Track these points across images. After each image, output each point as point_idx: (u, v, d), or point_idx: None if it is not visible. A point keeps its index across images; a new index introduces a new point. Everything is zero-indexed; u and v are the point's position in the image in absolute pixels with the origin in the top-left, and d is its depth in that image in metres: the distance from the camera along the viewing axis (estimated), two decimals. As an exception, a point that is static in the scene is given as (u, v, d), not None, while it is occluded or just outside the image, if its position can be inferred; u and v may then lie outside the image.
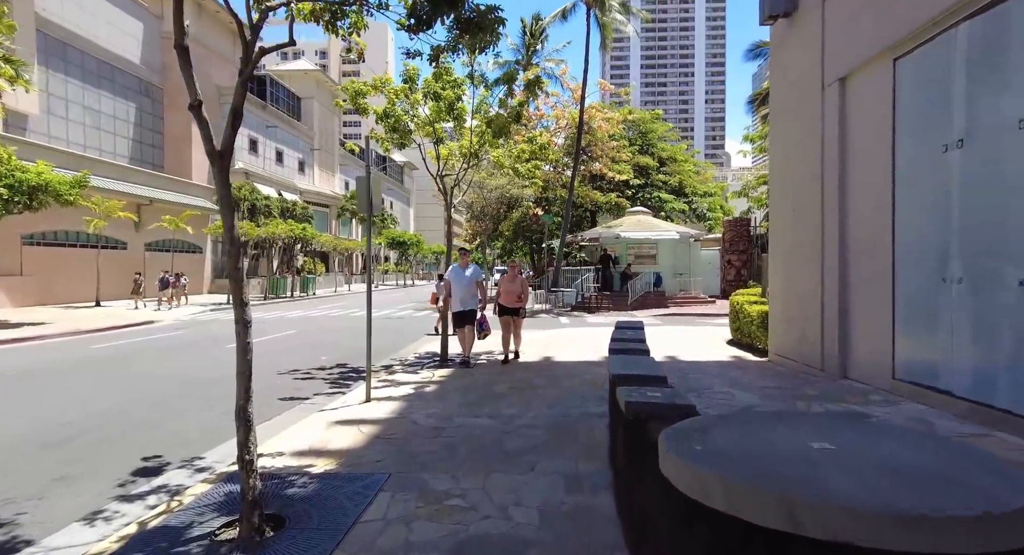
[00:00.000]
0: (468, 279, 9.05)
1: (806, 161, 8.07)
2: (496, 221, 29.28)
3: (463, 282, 9.05)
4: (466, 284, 9.04)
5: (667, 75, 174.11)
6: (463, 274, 9.07)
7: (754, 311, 10.23)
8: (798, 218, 8.37)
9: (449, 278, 9.14)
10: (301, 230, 33.66)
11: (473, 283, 9.10)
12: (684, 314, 21.05)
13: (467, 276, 9.06)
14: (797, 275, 8.43)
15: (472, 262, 9.42)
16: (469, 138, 9.72)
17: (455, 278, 9.07)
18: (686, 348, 11.02)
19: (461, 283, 9.05)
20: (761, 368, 8.66)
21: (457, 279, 9.07)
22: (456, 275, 9.09)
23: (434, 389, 7.49)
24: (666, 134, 36.56)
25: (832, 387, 6.80)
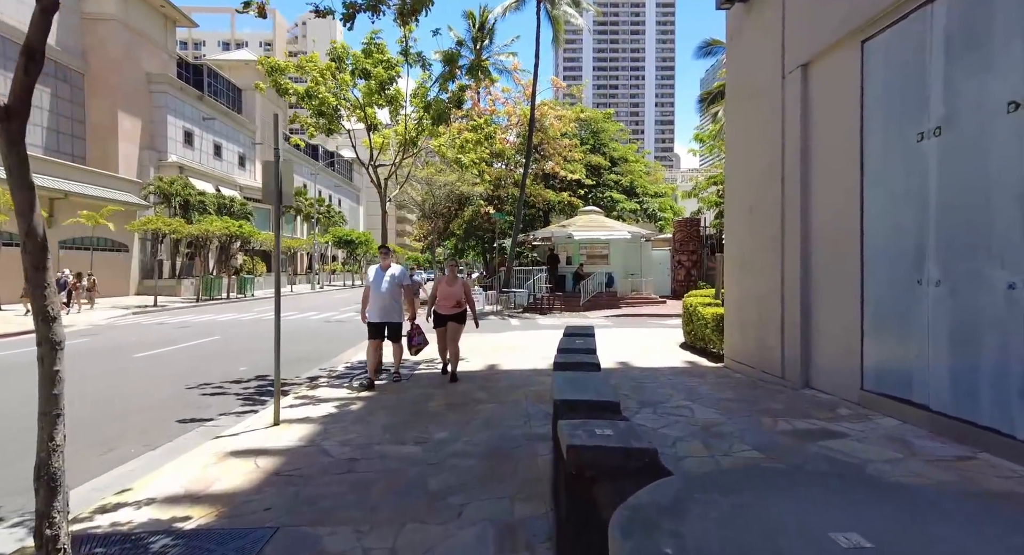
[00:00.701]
0: (390, 284, 7.49)
1: (765, 155, 7.57)
2: (447, 220, 28.32)
3: (383, 287, 7.44)
4: (387, 290, 7.46)
5: (618, 77, 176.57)
6: (383, 277, 7.50)
7: (708, 314, 9.73)
8: (756, 216, 7.87)
9: (366, 281, 7.65)
10: (238, 227, 31.76)
11: (397, 288, 7.57)
12: (636, 315, 20.70)
13: (389, 280, 7.51)
14: (755, 277, 7.93)
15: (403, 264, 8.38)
16: (404, 123, 8.82)
17: (374, 282, 7.49)
18: (639, 353, 10.45)
19: (380, 288, 7.43)
20: (717, 376, 8.12)
21: (376, 283, 7.47)
22: (375, 278, 7.51)
23: (359, 407, 6.57)
24: (617, 134, 36.44)
25: (795, 399, 6.27)
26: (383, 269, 7.58)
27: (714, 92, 23.35)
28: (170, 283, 32.92)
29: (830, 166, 6.28)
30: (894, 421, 5.05)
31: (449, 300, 7.86)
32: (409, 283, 7.80)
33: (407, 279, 7.76)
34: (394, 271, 7.59)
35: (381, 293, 7.44)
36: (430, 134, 9.22)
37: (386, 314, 7.48)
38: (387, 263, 7.62)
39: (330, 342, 13.17)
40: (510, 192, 28.13)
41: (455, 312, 7.91)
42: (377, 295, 7.47)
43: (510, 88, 30.03)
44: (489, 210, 26.46)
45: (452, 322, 7.89)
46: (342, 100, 8.58)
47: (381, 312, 7.45)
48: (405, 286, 7.73)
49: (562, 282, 24.58)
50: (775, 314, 7.27)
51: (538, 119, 26.53)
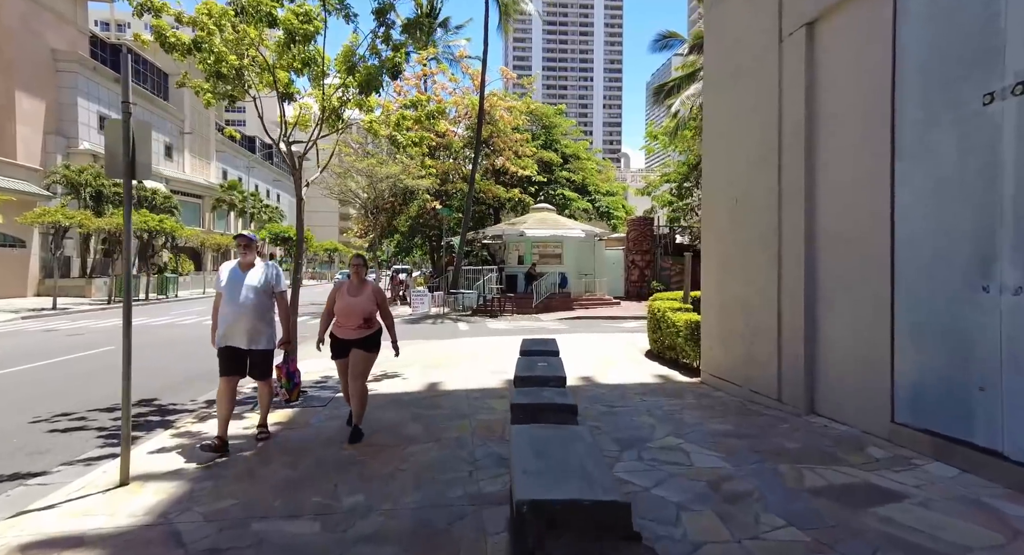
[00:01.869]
0: (255, 291, 4.92)
1: (756, 139, 6.42)
2: (390, 215, 26.45)
3: (244, 296, 4.88)
4: (250, 300, 4.89)
5: (567, 78, 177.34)
6: (242, 281, 4.93)
7: (680, 321, 8.58)
8: (744, 210, 6.72)
9: (216, 285, 5.08)
10: (158, 222, 28.82)
11: (265, 297, 5.01)
12: (591, 317, 19.62)
13: (253, 285, 4.93)
14: (741, 280, 6.78)
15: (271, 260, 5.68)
16: (321, 87, 7.21)
17: (227, 287, 4.93)
18: (602, 364, 9.20)
19: (239, 297, 4.87)
20: (698, 395, 6.93)
21: (232, 290, 4.90)
22: (230, 281, 4.94)
23: (252, 452, 4.97)
24: (569, 130, 35.43)
25: (806, 432, 5.10)
26: (243, 268, 5.01)
27: (670, 85, 22.58)
28: (79, 283, 29.60)
29: (844, 147, 5.15)
30: (950, 469, 3.92)
31: (351, 317, 5.20)
32: (284, 289, 5.23)
33: (281, 283, 5.16)
34: (261, 271, 5.02)
35: (239, 304, 4.85)
36: (357, 105, 7.60)
37: (248, 337, 4.88)
38: (249, 259, 5.03)
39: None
40: (458, 187, 26.56)
41: (362, 335, 5.23)
42: (234, 307, 4.86)
43: (458, 77, 28.44)
44: (435, 205, 24.79)
45: (357, 349, 5.22)
46: (245, 60, 6.85)
47: (240, 333, 4.87)
48: (278, 294, 5.15)
49: (513, 283, 23.26)
50: (769, 324, 6.12)
51: (487, 111, 25.10)
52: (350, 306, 5.24)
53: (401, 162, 22.57)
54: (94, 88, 35.10)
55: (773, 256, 6.07)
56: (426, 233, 29.23)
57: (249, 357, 4.99)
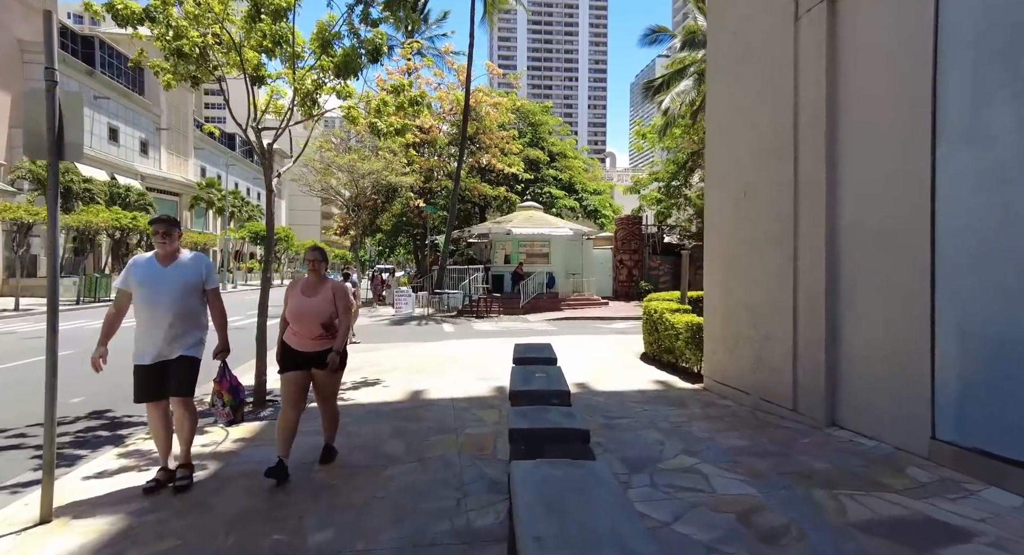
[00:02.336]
0: (181, 287, 3.86)
1: (767, 125, 5.92)
2: (373, 213, 25.70)
3: (165, 297, 3.82)
4: (174, 301, 3.84)
5: (552, 78, 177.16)
6: (161, 275, 3.86)
7: (679, 323, 8.07)
8: (753, 204, 6.22)
9: (123, 284, 3.91)
10: (131, 220, 27.75)
11: (193, 297, 3.95)
12: (580, 317, 19.12)
13: (175, 279, 3.87)
14: (750, 280, 6.28)
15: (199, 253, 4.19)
16: (293, 66, 6.58)
17: (144, 283, 3.84)
18: (596, 369, 8.66)
19: (158, 295, 3.81)
20: (703, 404, 6.42)
21: (149, 285, 3.83)
22: (147, 278, 3.85)
23: (206, 475, 4.33)
24: (556, 128, 34.94)
25: (832, 448, 4.60)
26: (162, 261, 3.88)
27: (659, 81, 22.17)
28: (46, 283, 28.37)
29: (874, 133, 4.66)
30: (1011, 497, 3.43)
31: (306, 323, 4.14)
32: (216, 285, 4.13)
33: (212, 277, 4.05)
34: (186, 265, 3.92)
35: (159, 308, 3.79)
36: (335, 91, 6.97)
37: (171, 344, 3.88)
38: (170, 249, 3.88)
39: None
40: (443, 184, 25.90)
41: (323, 347, 4.20)
42: (152, 312, 3.81)
43: (443, 72, 27.78)
44: (419, 203, 24.10)
45: (319, 368, 4.21)
46: (209, 37, 6.19)
47: (160, 344, 3.84)
48: (210, 292, 4.05)
49: (500, 282, 22.69)
50: (783, 328, 5.62)
51: (473, 107, 24.50)
52: (303, 309, 4.14)
53: (384, 158, 21.87)
54: (64, 81, 33.73)
55: (787, 254, 5.57)
56: (410, 232, 28.52)
57: (169, 367, 3.87)
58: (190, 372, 4.00)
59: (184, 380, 3.96)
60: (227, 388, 4.26)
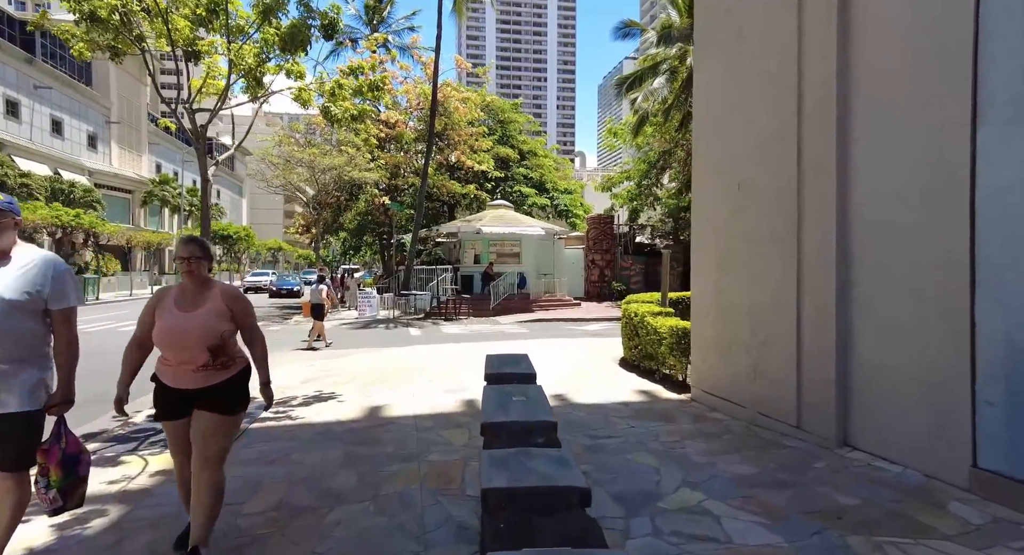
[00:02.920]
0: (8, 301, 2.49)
1: (766, 109, 5.35)
2: (336, 210, 24.60)
3: None
4: None
5: (521, 77, 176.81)
6: None
7: (663, 327, 7.47)
8: (749, 197, 5.65)
9: None
10: (73, 218, 25.99)
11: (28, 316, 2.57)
12: (552, 319, 18.51)
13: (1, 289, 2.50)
14: (746, 281, 5.71)
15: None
16: (226, 36, 5.72)
17: None
18: (575, 377, 8.01)
19: None
20: (694, 419, 5.82)
21: None
22: None
23: (103, 525, 3.49)
24: (526, 126, 34.31)
25: (851, 474, 4.02)
26: None
27: (632, 77, 21.72)
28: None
29: (895, 112, 4.11)
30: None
31: (189, 350, 2.86)
32: (68, 305, 2.69)
33: (63, 293, 2.66)
34: (22, 269, 2.58)
35: None
36: (285, 71, 6.14)
37: None
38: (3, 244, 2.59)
39: (155, 368, 9.55)
40: (410, 181, 24.98)
41: (210, 381, 2.92)
42: None
43: (409, 65, 26.85)
44: (385, 200, 23.12)
45: (205, 409, 2.91)
46: (133, 3, 5.30)
47: None
48: (57, 313, 2.67)
49: (469, 283, 21.93)
50: (784, 334, 5.05)
51: (441, 101, 23.65)
52: (180, 329, 2.83)
53: (347, 153, 20.85)
54: (0, 68, 31.65)
55: (790, 252, 5.00)
56: (375, 230, 27.46)
57: None
58: (17, 437, 2.56)
59: (11, 448, 2.56)
60: (57, 460, 2.65)
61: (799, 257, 4.91)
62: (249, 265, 67.32)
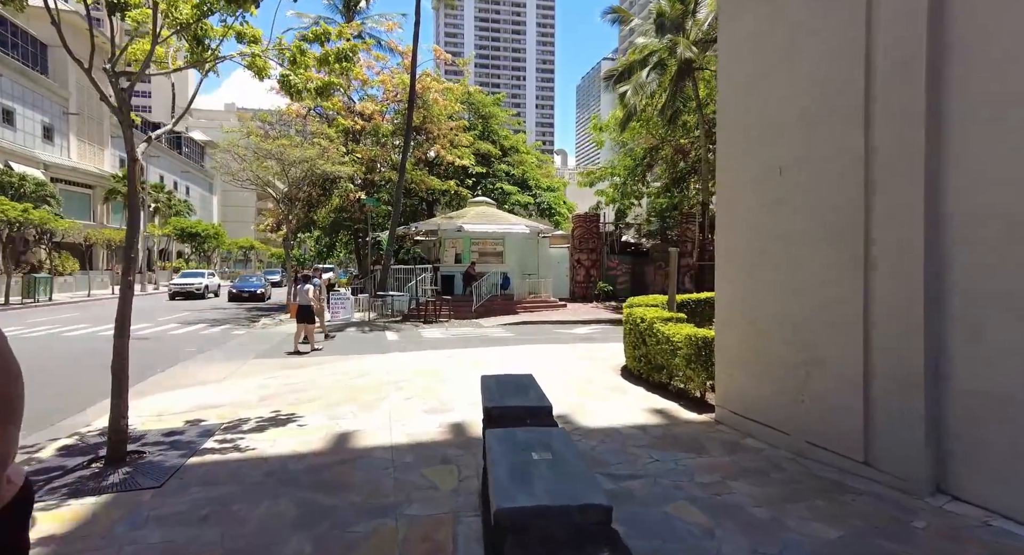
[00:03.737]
0: None
1: (817, 75, 4.43)
2: (307, 206, 23.23)
3: None
4: None
5: (500, 77, 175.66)
6: None
7: (678, 337, 6.53)
8: (792, 186, 4.73)
9: None
10: (20, 213, 24.16)
11: None
12: (538, 321, 17.52)
13: None
14: (787, 287, 4.79)
15: None
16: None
17: None
18: (574, 391, 7.02)
19: None
20: (729, 448, 4.88)
21: None
22: None
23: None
24: (508, 121, 33.28)
25: (980, 542, 3.09)
26: None
27: (621, 69, 20.83)
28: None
29: (1015, 84, 3.19)
30: None
31: None
32: None
33: None
34: None
35: None
36: (235, 32, 5.03)
37: None
38: None
39: (103, 375, 8.27)
40: (387, 176, 23.73)
41: None
42: None
43: (386, 56, 25.57)
44: (360, 195, 21.85)
45: None
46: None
47: None
48: None
49: (450, 284, 20.83)
50: (844, 353, 4.13)
51: (420, 93, 22.47)
52: None
53: (319, 145, 19.56)
54: (-58, 52, 29.53)
55: (852, 254, 4.08)
56: (351, 228, 26.10)
57: None
58: None
59: None
60: None
61: (867, 258, 3.99)
62: (220, 264, 65.02)
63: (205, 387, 7.85)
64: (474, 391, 7.29)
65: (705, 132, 21.40)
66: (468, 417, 5.95)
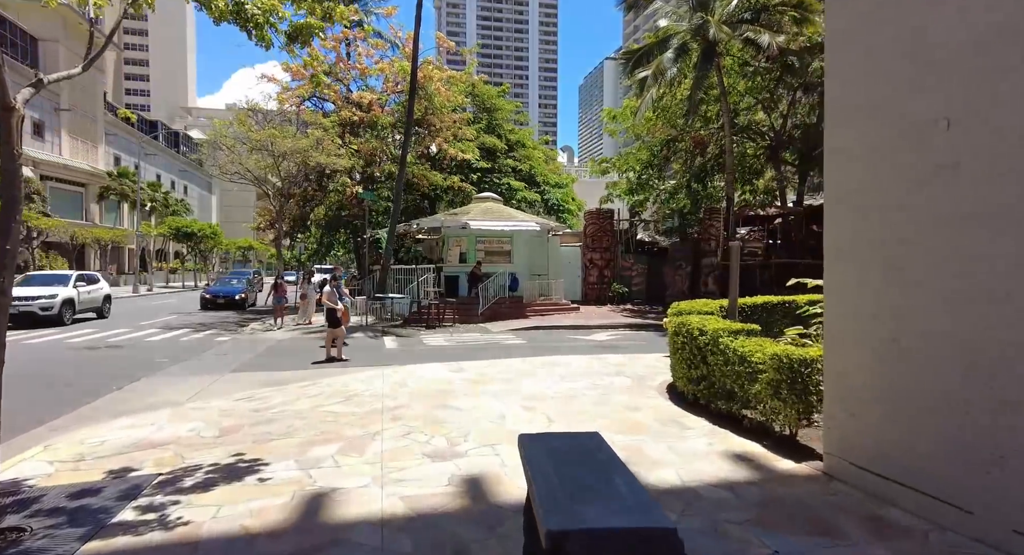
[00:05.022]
0: None
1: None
2: (303, 203, 21.76)
3: None
4: None
5: (502, 75, 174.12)
6: None
7: (760, 356, 5.01)
8: (963, 145, 3.20)
9: None
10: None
11: None
12: (550, 327, 16.01)
13: None
14: (953, 292, 3.29)
15: None
16: None
17: None
18: (618, 424, 5.50)
19: None
20: (878, 529, 3.37)
21: None
22: None
23: None
24: (514, 115, 31.71)
25: None
26: None
27: (639, 52, 19.28)
28: None
29: None
30: None
31: None
32: None
33: None
34: None
35: None
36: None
37: None
38: None
39: (50, 392, 6.73)
40: (387, 169, 22.21)
41: None
42: None
43: (385, 44, 24.04)
44: (357, 189, 20.31)
45: None
46: None
47: None
48: None
49: (454, 285, 19.31)
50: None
51: (421, 83, 20.97)
52: None
53: (312, 135, 18.07)
54: (-77, 42, 28.12)
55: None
56: (349, 224, 24.50)
57: None
58: None
59: None
60: None
61: None
62: (219, 264, 63.52)
63: (158, 413, 6.36)
64: (488, 421, 5.78)
65: (729, 122, 19.86)
66: (485, 466, 4.45)
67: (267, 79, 21.21)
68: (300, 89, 20.90)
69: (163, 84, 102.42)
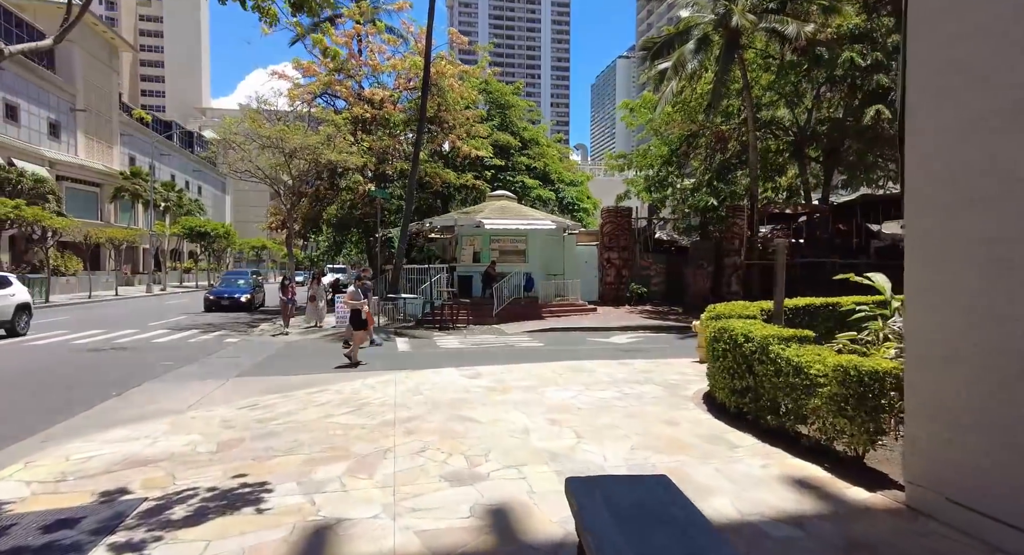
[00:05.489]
0: None
1: None
2: (315, 201, 21.36)
3: None
4: None
5: (515, 75, 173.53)
6: None
7: (822, 367, 4.42)
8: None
9: None
10: (11, 210, 22.57)
11: None
12: (567, 328, 15.46)
13: None
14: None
15: None
16: None
17: None
18: (656, 443, 4.94)
19: None
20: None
21: None
22: None
23: None
24: (527, 113, 31.11)
25: None
26: None
27: (659, 43, 18.63)
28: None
29: None
30: None
31: None
32: None
33: None
34: None
35: None
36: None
37: None
38: None
39: (46, 398, 6.31)
40: (399, 167, 21.76)
41: None
42: None
43: (397, 40, 23.59)
44: (369, 187, 19.86)
45: None
46: None
47: None
48: None
49: (468, 285, 18.80)
50: None
51: (434, 79, 20.48)
52: None
53: (323, 132, 17.66)
54: (-61, 43, 28.16)
55: None
56: (361, 223, 24.06)
57: None
58: None
59: None
60: None
61: None
62: (232, 264, 63.61)
63: (155, 423, 5.90)
64: (510, 436, 5.24)
65: (752, 117, 19.16)
66: (511, 493, 3.91)
67: (278, 76, 20.88)
68: (312, 86, 20.56)
69: (177, 85, 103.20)
